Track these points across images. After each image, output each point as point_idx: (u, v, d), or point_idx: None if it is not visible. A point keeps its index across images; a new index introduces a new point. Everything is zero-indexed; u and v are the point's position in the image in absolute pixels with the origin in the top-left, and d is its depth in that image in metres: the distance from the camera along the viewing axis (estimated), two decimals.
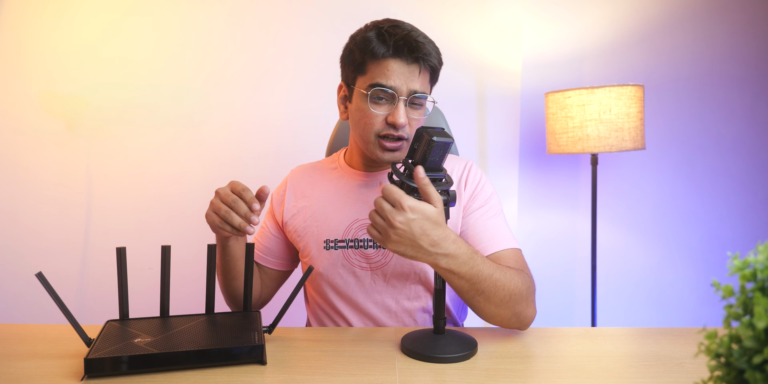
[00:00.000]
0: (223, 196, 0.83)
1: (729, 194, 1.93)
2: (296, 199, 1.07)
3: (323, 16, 1.79)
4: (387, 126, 0.93)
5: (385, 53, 0.91)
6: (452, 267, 0.75)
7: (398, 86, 0.91)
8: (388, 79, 0.91)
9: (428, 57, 0.91)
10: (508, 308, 0.82)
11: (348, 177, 1.05)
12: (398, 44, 0.90)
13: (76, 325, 0.75)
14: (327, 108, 1.78)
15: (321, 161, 1.14)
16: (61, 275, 1.85)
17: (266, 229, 1.10)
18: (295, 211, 1.05)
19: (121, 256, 0.81)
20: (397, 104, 0.91)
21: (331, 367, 0.75)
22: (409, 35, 0.90)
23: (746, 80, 1.89)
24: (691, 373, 0.73)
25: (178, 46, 1.80)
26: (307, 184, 1.08)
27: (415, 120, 0.95)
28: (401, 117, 0.91)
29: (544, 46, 1.87)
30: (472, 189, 1.01)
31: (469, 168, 1.03)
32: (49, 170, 1.84)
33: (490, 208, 0.99)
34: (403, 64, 0.91)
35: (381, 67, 0.91)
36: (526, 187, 1.93)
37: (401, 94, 0.91)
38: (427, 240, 0.73)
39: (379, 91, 0.92)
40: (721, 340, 0.40)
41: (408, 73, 0.91)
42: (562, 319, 1.98)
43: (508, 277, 0.81)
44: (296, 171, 1.12)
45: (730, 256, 0.42)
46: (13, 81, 1.82)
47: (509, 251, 0.94)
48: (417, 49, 0.90)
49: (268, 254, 1.09)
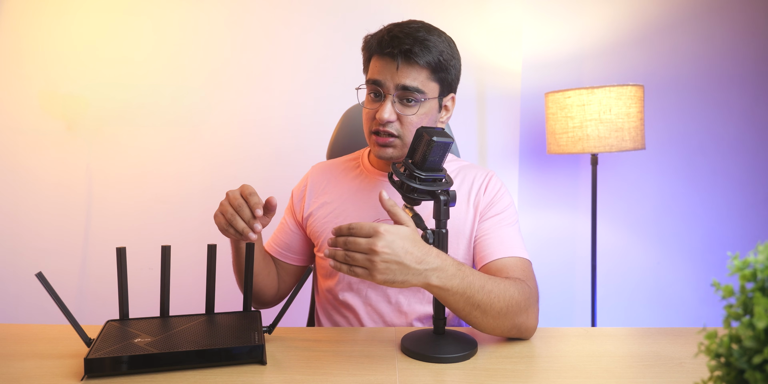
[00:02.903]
0: (231, 199, 0.83)
1: (729, 194, 1.93)
2: (316, 196, 1.07)
3: (323, 15, 1.78)
4: (377, 122, 0.94)
5: (374, 50, 0.93)
6: (444, 282, 0.73)
7: (383, 81, 0.92)
8: (375, 75, 0.93)
9: (409, 53, 0.89)
10: (508, 319, 0.79)
11: (369, 175, 1.05)
12: (382, 40, 0.91)
13: (76, 325, 0.75)
14: (327, 108, 1.78)
15: (342, 158, 1.14)
16: (61, 275, 1.85)
17: (286, 225, 1.10)
18: (316, 207, 1.06)
19: (121, 256, 0.81)
20: (384, 100, 0.92)
21: (331, 367, 0.75)
22: (392, 30, 0.91)
23: (746, 80, 1.89)
24: (691, 373, 0.73)
25: (178, 46, 1.80)
26: (327, 182, 1.08)
27: (407, 117, 0.93)
28: (385, 112, 0.91)
29: (544, 46, 1.87)
30: (491, 196, 1.00)
31: (490, 177, 1.04)
32: (49, 170, 1.84)
33: (506, 218, 0.99)
34: (388, 59, 0.92)
35: (373, 64, 0.94)
36: (526, 187, 1.93)
37: (388, 90, 0.92)
38: (412, 258, 0.70)
39: (370, 87, 0.94)
40: (721, 340, 0.40)
41: (393, 68, 0.91)
42: (562, 319, 1.98)
43: (501, 288, 0.78)
44: (317, 167, 1.13)
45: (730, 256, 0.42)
46: (13, 81, 1.81)
47: (516, 260, 0.92)
48: (392, 44, 0.90)
49: (287, 250, 1.09)
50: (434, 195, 0.81)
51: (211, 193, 1.83)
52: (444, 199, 0.80)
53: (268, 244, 1.10)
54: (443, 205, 0.80)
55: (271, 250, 1.09)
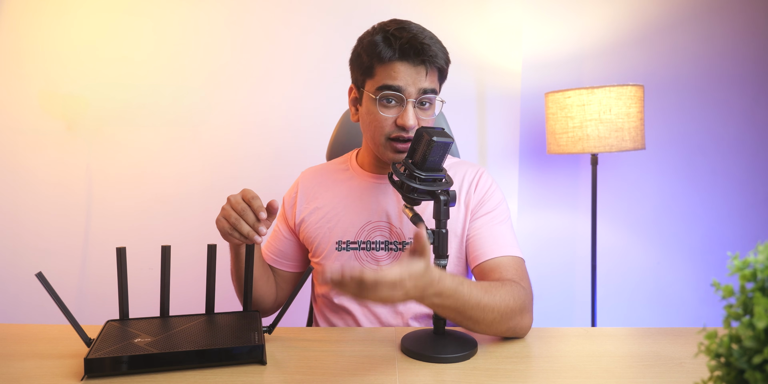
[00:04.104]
0: (234, 204, 0.82)
1: (729, 194, 1.93)
2: (308, 201, 1.06)
3: (323, 15, 1.78)
4: (397, 128, 0.93)
5: (392, 56, 0.91)
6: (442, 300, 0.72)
7: (406, 88, 0.91)
8: (396, 81, 0.91)
9: (435, 58, 0.91)
10: (501, 325, 0.80)
11: (360, 178, 1.05)
12: (404, 47, 0.90)
13: (76, 325, 0.75)
14: (327, 108, 1.78)
15: (331, 162, 1.13)
16: (61, 275, 1.85)
17: (279, 233, 1.10)
18: (308, 213, 1.05)
19: (121, 256, 0.81)
20: (405, 106, 0.92)
21: (331, 367, 0.75)
22: (415, 38, 0.90)
23: (746, 80, 1.89)
24: (691, 373, 0.73)
25: (178, 46, 1.80)
26: (318, 186, 1.07)
27: (424, 121, 0.95)
28: (410, 119, 0.91)
29: (544, 46, 1.87)
30: (482, 194, 1.00)
31: (480, 174, 1.03)
32: (49, 170, 1.84)
33: (497, 215, 0.99)
34: (410, 66, 0.91)
35: (388, 69, 0.91)
36: (526, 187, 1.93)
37: (410, 96, 0.91)
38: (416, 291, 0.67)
39: (388, 94, 0.92)
40: (721, 340, 0.40)
41: (415, 74, 0.91)
42: (562, 319, 1.98)
43: (497, 299, 0.78)
44: (307, 173, 1.12)
45: (730, 256, 0.42)
46: (13, 81, 1.81)
47: (509, 259, 0.92)
48: (423, 52, 0.89)
49: (282, 257, 1.09)
50: (434, 195, 0.81)
51: (211, 193, 1.83)
52: (444, 199, 0.80)
53: (262, 252, 1.10)
54: (443, 205, 0.80)
55: (265, 257, 1.09)
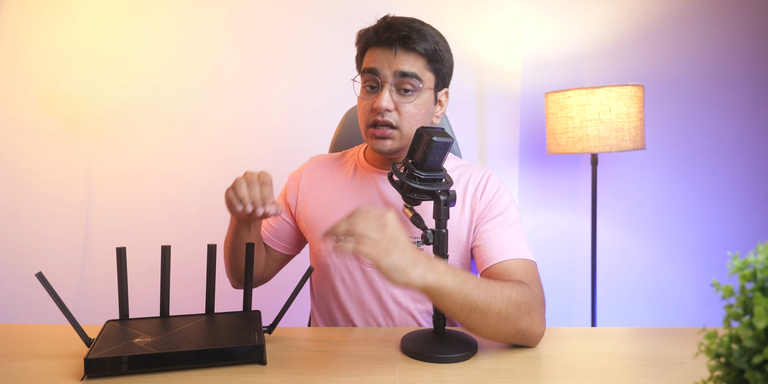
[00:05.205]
0: (248, 175, 0.87)
1: (729, 194, 1.93)
2: (310, 187, 1.07)
3: (323, 15, 1.78)
4: (374, 113, 0.93)
5: (370, 41, 0.93)
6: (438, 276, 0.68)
7: (381, 70, 0.91)
8: (372, 64, 0.92)
9: (410, 41, 0.90)
10: (510, 323, 0.75)
11: (364, 172, 1.05)
12: (378, 29, 0.91)
13: (76, 325, 0.75)
14: (327, 107, 1.78)
15: (341, 153, 1.14)
16: (61, 275, 1.85)
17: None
18: (309, 199, 1.06)
19: (121, 256, 0.81)
20: (381, 89, 0.92)
21: (331, 367, 0.75)
22: (394, 22, 0.91)
23: (746, 80, 1.89)
24: (691, 373, 0.73)
25: (178, 46, 1.80)
26: (322, 175, 1.08)
27: (405, 106, 0.92)
28: (383, 100, 0.90)
29: (544, 46, 1.87)
30: (489, 198, 0.97)
31: (487, 177, 1.00)
32: (49, 170, 1.84)
33: (506, 218, 0.95)
34: (387, 49, 0.92)
35: (368, 55, 0.94)
36: (526, 187, 1.93)
37: (386, 79, 0.91)
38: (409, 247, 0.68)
39: (367, 77, 0.93)
40: (721, 340, 0.40)
41: (392, 57, 0.91)
42: (562, 319, 1.98)
43: (497, 288, 0.75)
44: (315, 160, 1.13)
45: (730, 256, 0.42)
46: (13, 81, 1.81)
47: (519, 262, 0.88)
48: (390, 30, 0.90)
49: (276, 236, 1.10)
50: (434, 195, 0.81)
51: (211, 193, 1.83)
52: (444, 199, 0.80)
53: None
54: (443, 205, 0.80)
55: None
